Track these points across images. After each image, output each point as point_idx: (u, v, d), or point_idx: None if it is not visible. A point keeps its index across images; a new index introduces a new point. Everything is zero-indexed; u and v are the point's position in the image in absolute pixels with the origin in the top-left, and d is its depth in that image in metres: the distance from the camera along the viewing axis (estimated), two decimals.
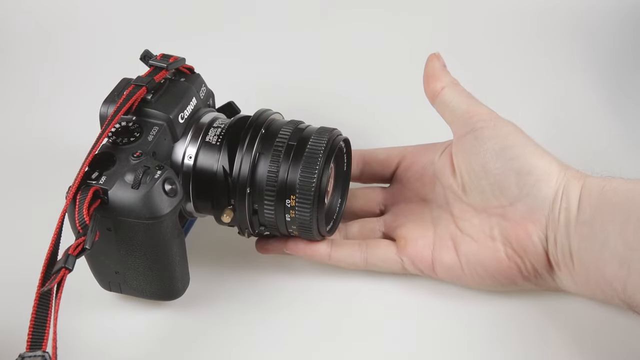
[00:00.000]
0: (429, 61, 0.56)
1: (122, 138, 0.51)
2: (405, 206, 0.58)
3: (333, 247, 0.56)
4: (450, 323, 0.54)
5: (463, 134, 0.54)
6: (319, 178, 0.51)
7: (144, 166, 0.49)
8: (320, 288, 0.57)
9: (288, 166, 0.52)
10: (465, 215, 0.54)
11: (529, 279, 0.53)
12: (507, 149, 0.52)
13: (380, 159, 0.60)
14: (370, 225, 0.59)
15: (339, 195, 0.57)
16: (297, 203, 0.52)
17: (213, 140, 0.54)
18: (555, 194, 0.51)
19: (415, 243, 0.55)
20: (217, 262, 0.59)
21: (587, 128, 0.70)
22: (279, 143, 0.52)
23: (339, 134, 0.54)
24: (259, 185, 0.52)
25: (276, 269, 0.58)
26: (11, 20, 0.84)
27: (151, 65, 0.55)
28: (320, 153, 0.52)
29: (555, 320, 0.53)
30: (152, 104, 0.53)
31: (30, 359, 0.43)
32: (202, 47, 0.59)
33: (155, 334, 0.54)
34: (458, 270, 0.54)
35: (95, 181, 0.48)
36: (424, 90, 0.56)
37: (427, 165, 0.58)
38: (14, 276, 0.57)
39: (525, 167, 0.51)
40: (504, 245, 0.52)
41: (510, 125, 0.53)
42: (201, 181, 0.54)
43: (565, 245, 0.50)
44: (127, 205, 0.48)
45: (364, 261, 0.56)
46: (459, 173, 0.55)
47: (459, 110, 0.54)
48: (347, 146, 0.56)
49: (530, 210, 0.51)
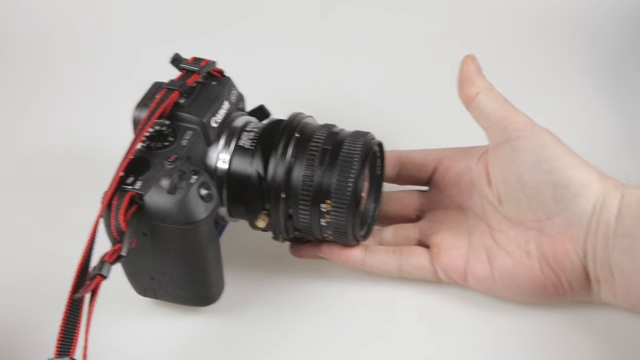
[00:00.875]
0: (464, 64, 0.55)
1: (156, 142, 0.51)
2: (442, 213, 0.57)
3: (367, 253, 0.55)
4: (481, 332, 0.53)
5: (499, 142, 0.52)
6: (355, 182, 0.51)
7: (179, 171, 0.48)
8: (355, 294, 0.56)
9: (323, 170, 0.51)
10: (501, 227, 0.53)
11: (564, 295, 0.51)
12: (544, 161, 0.50)
13: (417, 162, 0.59)
14: (405, 232, 0.58)
15: (373, 200, 0.57)
16: (332, 207, 0.51)
17: (247, 145, 0.53)
18: (594, 207, 0.49)
19: (449, 253, 0.54)
20: (251, 266, 0.58)
21: (588, 128, 0.70)
22: (314, 147, 0.52)
23: (373, 137, 0.54)
24: (294, 189, 0.52)
25: (311, 274, 0.58)
26: (11, 20, 0.84)
27: (183, 69, 0.55)
28: (356, 157, 0.51)
29: (588, 333, 0.52)
30: (185, 107, 0.53)
31: None
32: (207, 48, 0.59)
33: (190, 339, 0.53)
34: (490, 284, 0.53)
35: (131, 186, 0.48)
36: (459, 94, 0.55)
37: (464, 171, 0.56)
38: (45, 281, 0.57)
39: (563, 180, 0.49)
40: (540, 262, 0.51)
41: (547, 134, 0.51)
42: (235, 185, 0.53)
43: (604, 259, 0.48)
44: (163, 211, 0.48)
45: (397, 268, 0.55)
46: (494, 183, 0.53)
47: (494, 117, 0.52)
48: (380, 150, 0.56)
49: (568, 225, 0.50)
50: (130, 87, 0.51)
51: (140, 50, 0.81)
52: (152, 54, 0.79)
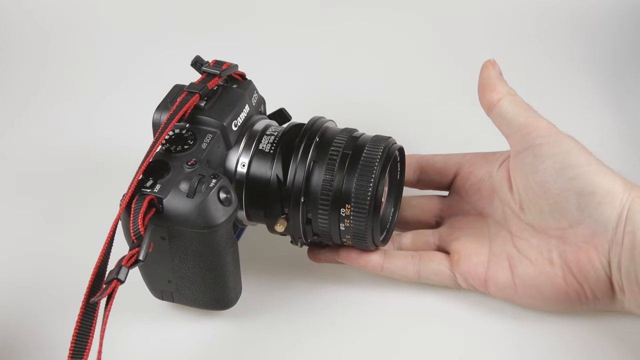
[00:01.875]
0: (484, 69, 0.54)
1: (176, 146, 0.51)
2: (462, 219, 0.57)
3: (386, 258, 0.55)
4: (502, 340, 0.53)
5: (521, 149, 0.51)
6: (375, 187, 0.50)
7: (199, 175, 0.48)
8: (373, 300, 0.56)
9: (343, 175, 0.51)
10: (523, 234, 0.52)
11: (587, 303, 0.50)
12: (567, 168, 0.49)
13: (437, 167, 0.58)
14: (424, 238, 0.57)
15: (392, 205, 0.56)
16: (352, 212, 0.51)
17: (267, 148, 0.53)
18: (619, 216, 0.48)
19: (469, 260, 0.53)
20: (268, 271, 0.58)
21: (588, 127, 0.69)
22: (334, 151, 0.52)
23: (394, 142, 0.53)
24: (314, 193, 0.51)
25: (328, 278, 0.57)
26: (11, 20, 0.84)
27: (204, 72, 0.55)
28: (376, 162, 0.51)
29: (611, 342, 0.52)
30: (206, 111, 0.52)
31: None
32: (208, 48, 0.59)
33: (207, 343, 0.53)
34: (512, 292, 0.52)
35: (150, 189, 0.48)
36: (479, 101, 0.54)
37: (485, 177, 0.56)
38: (45, 282, 0.58)
39: (587, 188, 0.48)
40: (563, 270, 0.50)
41: (571, 141, 0.50)
42: (254, 189, 0.53)
43: (630, 270, 0.47)
44: (182, 214, 0.47)
45: (416, 274, 0.55)
46: (516, 190, 0.53)
47: (516, 123, 0.52)
48: (401, 155, 0.55)
49: (592, 234, 0.49)
50: (131, 87, 0.51)
51: (141, 51, 0.81)
52: (152, 54, 0.80)
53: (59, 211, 0.64)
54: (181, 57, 0.57)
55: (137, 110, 0.54)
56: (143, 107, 0.57)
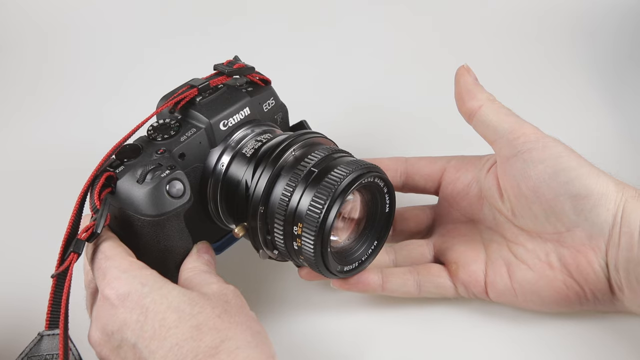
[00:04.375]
0: (460, 76, 0.52)
1: (157, 134, 0.52)
2: (453, 227, 0.55)
3: (384, 277, 0.53)
4: (506, 345, 0.52)
5: (509, 155, 0.50)
6: (328, 210, 0.47)
7: (157, 164, 0.49)
8: (369, 307, 0.55)
9: (302, 192, 0.48)
10: (518, 240, 0.52)
11: (587, 304, 0.50)
12: (560, 172, 0.48)
13: (423, 172, 0.57)
14: (420, 249, 0.56)
15: (374, 237, 0.52)
16: (303, 232, 0.48)
17: (248, 153, 0.52)
18: (614, 217, 0.48)
19: (468, 268, 0.53)
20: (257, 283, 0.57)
21: (587, 127, 0.70)
22: (302, 167, 0.49)
23: (372, 170, 0.49)
24: (272, 206, 0.49)
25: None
26: (11, 20, 0.87)
27: (216, 69, 0.55)
28: (338, 183, 0.47)
29: (617, 342, 0.51)
30: (198, 106, 0.53)
31: (49, 336, 0.46)
32: (207, 49, 0.59)
33: None
34: (512, 297, 0.52)
35: (114, 169, 0.49)
36: (458, 108, 0.53)
37: (472, 183, 0.55)
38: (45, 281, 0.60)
39: (582, 191, 0.48)
40: (563, 273, 0.50)
41: (559, 144, 0.49)
42: (228, 191, 0.52)
43: (629, 270, 0.47)
44: (129, 198, 0.48)
45: (417, 289, 0.54)
46: (507, 197, 0.51)
47: (501, 129, 0.51)
48: (388, 186, 0.51)
49: (589, 236, 0.49)
50: (131, 87, 0.52)
51: (141, 51, 0.83)
52: (153, 54, 0.82)
53: (59, 211, 0.63)
54: (182, 57, 0.58)
55: (138, 110, 0.56)
56: (143, 107, 0.58)
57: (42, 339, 0.46)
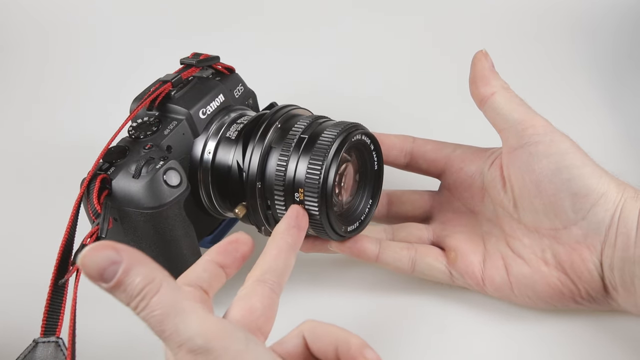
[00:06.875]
0: (477, 60, 0.52)
1: (139, 132, 0.52)
2: (453, 216, 0.55)
3: (382, 248, 0.53)
4: (500, 341, 0.52)
5: (516, 146, 0.50)
6: (326, 171, 0.48)
7: (149, 157, 0.49)
8: (366, 301, 0.55)
9: (297, 159, 0.49)
10: (516, 234, 0.51)
11: (582, 302, 0.50)
12: (563, 169, 0.48)
13: (428, 157, 0.57)
14: (419, 233, 0.55)
15: (369, 196, 0.53)
16: (305, 197, 0.49)
17: (233, 136, 0.53)
18: (612, 217, 0.48)
19: (467, 258, 0.52)
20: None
21: (587, 127, 0.69)
22: (291, 136, 0.50)
23: (358, 128, 0.51)
24: (269, 179, 0.50)
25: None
26: (11, 20, 0.87)
27: (182, 63, 0.56)
28: (330, 145, 0.49)
29: (612, 340, 0.50)
30: (174, 99, 0.53)
31: (44, 344, 0.45)
32: (208, 48, 0.60)
33: None
34: (508, 291, 0.51)
35: (105, 171, 0.49)
36: (471, 93, 0.52)
37: (476, 174, 0.54)
38: (33, 267, 0.59)
39: (583, 190, 0.48)
40: (557, 270, 0.49)
41: (567, 140, 0.49)
42: (220, 177, 0.53)
43: (624, 270, 0.47)
44: (127, 195, 0.48)
45: (411, 266, 0.53)
46: (510, 188, 0.51)
47: (511, 119, 0.50)
48: (374, 143, 0.52)
49: (586, 235, 0.48)
50: (131, 87, 0.52)
51: (142, 51, 0.83)
52: (153, 54, 0.82)
53: (59, 211, 0.64)
54: (182, 57, 0.58)
55: None
56: None
57: (37, 346, 0.45)
